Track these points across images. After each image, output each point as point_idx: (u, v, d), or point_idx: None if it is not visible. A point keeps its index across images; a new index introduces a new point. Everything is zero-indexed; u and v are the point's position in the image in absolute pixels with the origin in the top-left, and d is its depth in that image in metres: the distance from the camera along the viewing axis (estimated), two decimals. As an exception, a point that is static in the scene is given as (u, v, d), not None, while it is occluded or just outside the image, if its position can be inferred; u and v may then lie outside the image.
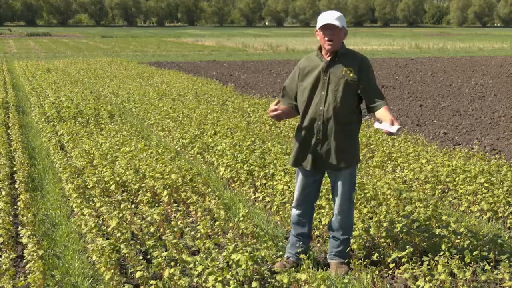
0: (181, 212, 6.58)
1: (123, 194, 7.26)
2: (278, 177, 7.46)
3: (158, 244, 5.64)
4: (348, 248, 5.40)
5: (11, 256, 5.32)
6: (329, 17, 5.06)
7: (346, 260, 5.38)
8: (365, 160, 8.98)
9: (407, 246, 5.32)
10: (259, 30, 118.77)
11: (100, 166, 8.33)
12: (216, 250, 5.34)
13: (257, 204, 7.19)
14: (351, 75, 5.07)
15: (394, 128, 4.84)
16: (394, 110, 15.14)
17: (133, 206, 6.81)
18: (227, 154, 8.72)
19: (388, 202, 6.68)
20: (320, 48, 5.23)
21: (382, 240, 5.64)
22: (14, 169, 8.58)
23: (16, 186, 7.77)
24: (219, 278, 4.68)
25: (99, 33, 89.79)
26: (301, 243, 5.40)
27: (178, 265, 5.10)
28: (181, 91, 17.49)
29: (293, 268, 5.01)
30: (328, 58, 5.15)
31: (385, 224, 5.81)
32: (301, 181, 5.37)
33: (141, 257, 5.30)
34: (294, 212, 5.46)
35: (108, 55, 38.34)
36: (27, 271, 5.16)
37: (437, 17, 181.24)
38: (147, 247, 5.62)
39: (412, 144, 9.91)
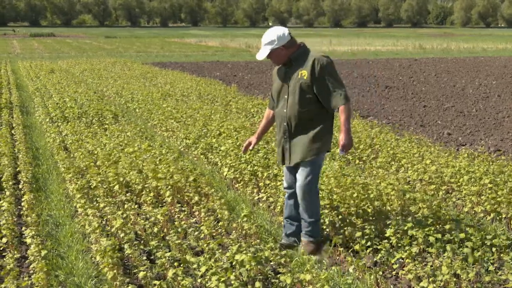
0: (185, 212, 6.58)
1: (127, 195, 7.27)
2: (282, 178, 7.45)
3: (161, 244, 5.65)
4: (318, 229, 5.74)
5: (15, 256, 5.32)
6: (260, 50, 5.58)
7: (315, 240, 5.68)
8: (369, 161, 8.98)
9: (411, 247, 5.31)
10: (263, 31, 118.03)
11: (104, 167, 8.33)
12: (220, 250, 5.34)
13: (260, 204, 7.19)
14: (305, 77, 5.44)
15: (339, 151, 5.48)
16: (398, 111, 15.13)
17: (136, 206, 6.81)
18: (230, 155, 8.72)
19: (391, 203, 6.68)
20: None
21: (386, 240, 5.64)
22: (18, 169, 8.58)
23: (20, 186, 7.78)
24: (223, 279, 4.68)
25: (102, 34, 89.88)
26: (290, 225, 5.88)
27: (181, 265, 5.11)
28: (184, 91, 17.50)
29: (296, 268, 5.02)
30: (286, 64, 5.64)
31: (388, 224, 5.81)
32: (284, 169, 5.92)
33: (144, 258, 5.31)
34: (285, 196, 5.94)
35: (111, 56, 38.39)
36: (31, 271, 5.17)
37: (441, 18, 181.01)
38: (151, 247, 5.62)
39: (416, 144, 9.91)
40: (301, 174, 5.57)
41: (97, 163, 8.62)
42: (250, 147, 6.03)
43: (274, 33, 5.52)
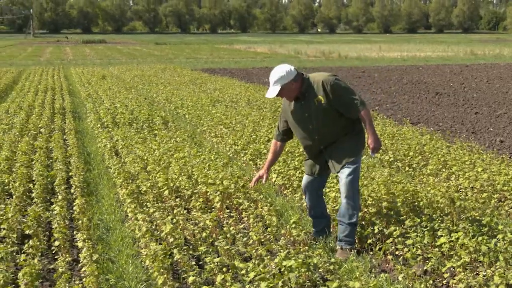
0: (234, 218, 6.60)
1: (176, 200, 7.32)
2: (330, 185, 7.41)
3: (210, 250, 5.67)
4: (355, 234, 5.87)
5: (66, 260, 5.42)
6: (269, 89, 5.88)
7: (352, 246, 5.81)
8: (419, 168, 8.87)
9: (462, 256, 5.23)
10: (312, 37, 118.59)
11: (154, 172, 8.41)
12: (268, 256, 5.35)
13: (309, 211, 7.16)
14: (322, 102, 5.70)
15: (370, 153, 5.84)
16: (449, 118, 14.93)
17: (185, 211, 6.86)
18: (279, 161, 8.70)
19: (442, 211, 6.58)
20: None
21: (436, 249, 5.57)
22: (70, 174, 8.73)
23: (72, 190, 7.92)
24: (271, 285, 4.68)
25: (153, 40, 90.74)
26: (319, 222, 6.20)
27: (230, 271, 5.12)
28: (233, 97, 17.57)
29: (345, 276, 4.99)
30: (298, 98, 5.85)
31: (439, 233, 5.74)
32: (307, 178, 6.18)
33: (193, 263, 5.34)
34: (305, 197, 6.27)
35: (161, 62, 38.80)
36: (82, 275, 5.25)
37: (493, 23, 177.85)
38: (200, 252, 5.66)
39: (467, 152, 9.75)
40: (343, 173, 5.76)
41: (147, 169, 8.71)
42: (263, 181, 6.32)
43: (282, 70, 5.80)
